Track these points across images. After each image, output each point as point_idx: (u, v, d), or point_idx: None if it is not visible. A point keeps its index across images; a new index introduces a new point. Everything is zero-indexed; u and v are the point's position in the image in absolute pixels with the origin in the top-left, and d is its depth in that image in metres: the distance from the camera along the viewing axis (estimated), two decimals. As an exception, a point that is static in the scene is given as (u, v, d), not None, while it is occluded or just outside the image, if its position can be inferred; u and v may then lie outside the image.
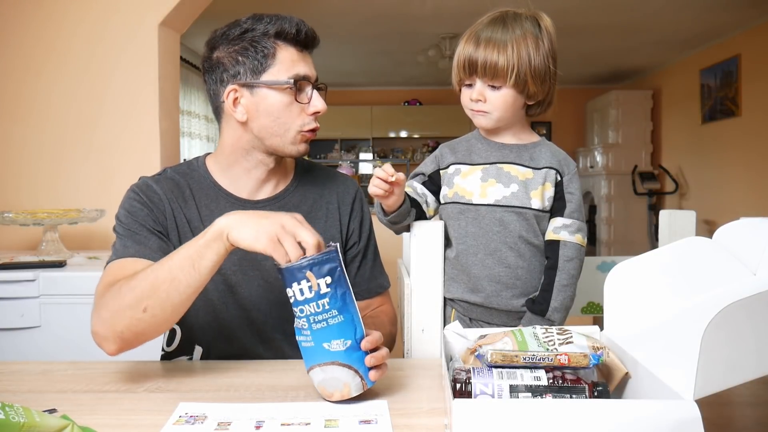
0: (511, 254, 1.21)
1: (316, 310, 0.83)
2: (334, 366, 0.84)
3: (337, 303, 0.83)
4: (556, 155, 1.25)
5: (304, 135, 1.09)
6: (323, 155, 7.88)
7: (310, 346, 0.85)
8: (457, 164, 1.26)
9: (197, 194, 1.12)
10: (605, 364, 0.79)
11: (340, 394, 0.85)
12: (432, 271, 1.18)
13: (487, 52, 1.16)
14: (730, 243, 0.85)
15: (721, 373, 0.63)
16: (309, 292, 0.83)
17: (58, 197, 2.38)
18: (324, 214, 1.18)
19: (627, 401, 0.68)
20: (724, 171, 5.49)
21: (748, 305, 0.62)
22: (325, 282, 0.83)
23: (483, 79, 1.18)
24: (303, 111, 1.07)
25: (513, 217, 1.20)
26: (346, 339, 0.84)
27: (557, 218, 1.22)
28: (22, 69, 2.39)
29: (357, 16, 4.72)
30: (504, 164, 1.23)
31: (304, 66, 1.07)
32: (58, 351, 1.75)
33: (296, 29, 1.05)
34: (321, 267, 0.83)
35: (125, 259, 1.01)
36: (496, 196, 1.21)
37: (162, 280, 0.90)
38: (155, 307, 0.91)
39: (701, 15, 4.75)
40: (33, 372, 1.01)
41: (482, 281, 1.22)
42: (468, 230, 1.22)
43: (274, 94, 1.05)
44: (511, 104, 1.20)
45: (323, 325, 0.83)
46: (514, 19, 1.19)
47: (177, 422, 0.79)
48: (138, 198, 1.07)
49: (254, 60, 1.04)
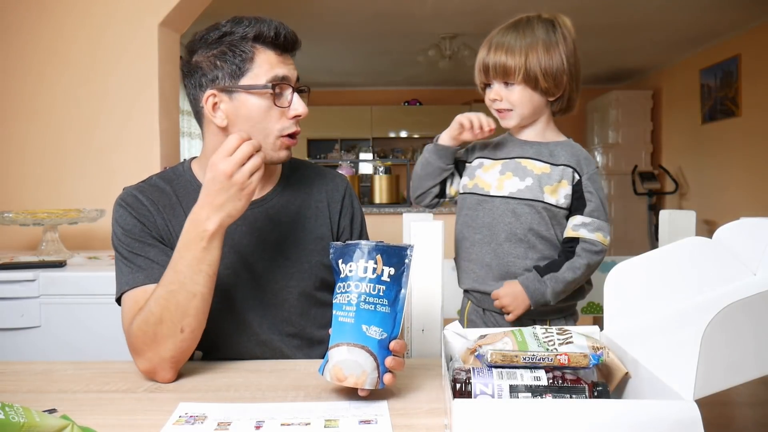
0: (521, 246, 1.26)
1: (371, 291, 0.85)
2: (363, 350, 0.84)
3: (391, 295, 0.86)
4: (576, 155, 1.29)
5: (284, 141, 1.07)
6: (323, 155, 7.88)
7: (348, 322, 0.85)
8: (482, 158, 1.34)
9: (184, 199, 1.11)
10: (605, 364, 0.79)
11: (355, 379, 0.84)
12: (432, 271, 1.18)
13: (497, 55, 1.24)
14: (730, 243, 0.85)
15: (721, 373, 0.63)
16: (371, 273, 0.85)
17: (58, 197, 2.38)
18: (313, 213, 1.18)
19: (627, 401, 0.68)
20: (724, 171, 5.49)
21: (748, 305, 0.62)
22: (389, 272, 0.86)
23: (497, 79, 1.26)
24: (283, 115, 1.06)
25: (525, 210, 1.25)
26: (384, 330, 0.85)
27: (577, 216, 1.26)
28: (23, 69, 2.39)
29: (357, 16, 4.72)
30: (522, 159, 1.29)
31: (284, 68, 1.05)
32: (58, 351, 1.75)
33: (275, 32, 1.03)
34: (390, 257, 0.86)
35: (137, 289, 1.02)
36: (510, 189, 1.27)
37: (185, 299, 0.95)
38: (191, 323, 0.96)
39: (701, 15, 4.75)
40: (33, 372, 1.01)
41: (493, 270, 1.28)
42: (483, 221, 1.29)
43: (253, 98, 1.04)
44: (527, 100, 1.26)
45: (371, 308, 0.84)
46: (526, 24, 1.26)
47: (177, 422, 0.79)
48: (128, 212, 1.07)
49: (232, 64, 1.03)
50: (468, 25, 5.06)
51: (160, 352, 0.95)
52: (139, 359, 0.97)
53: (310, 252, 1.15)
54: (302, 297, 1.13)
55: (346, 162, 4.77)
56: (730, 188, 5.40)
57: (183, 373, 1.00)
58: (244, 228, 1.11)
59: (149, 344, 0.95)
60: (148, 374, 0.97)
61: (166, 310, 0.94)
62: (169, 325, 0.94)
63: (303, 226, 1.16)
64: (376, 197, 3.49)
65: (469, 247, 1.31)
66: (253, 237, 1.12)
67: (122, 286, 1.04)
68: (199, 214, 0.96)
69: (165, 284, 0.96)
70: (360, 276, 0.85)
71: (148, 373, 0.97)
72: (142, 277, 1.03)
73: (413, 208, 3.18)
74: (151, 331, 0.95)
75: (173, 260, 0.96)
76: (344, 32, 5.23)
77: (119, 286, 1.05)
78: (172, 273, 0.96)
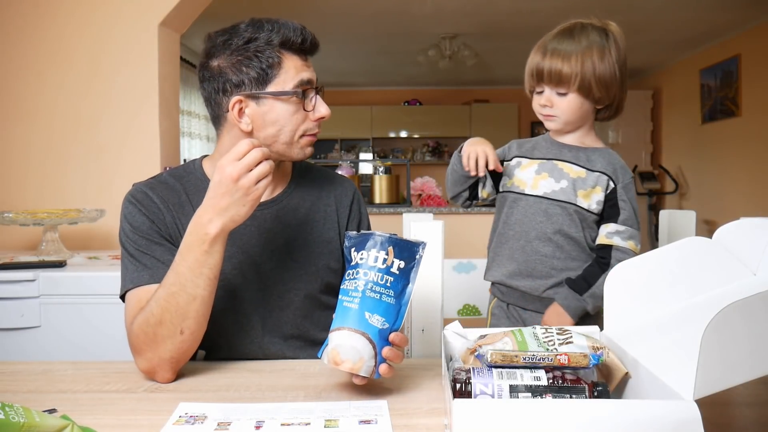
0: (550, 245, 1.29)
1: (379, 281, 0.86)
2: (363, 337, 0.84)
3: (397, 287, 0.87)
4: (612, 163, 1.31)
5: (309, 138, 1.10)
6: (323, 155, 7.88)
7: (352, 308, 0.86)
8: (520, 157, 1.36)
9: (193, 197, 1.11)
10: (605, 364, 0.79)
11: (351, 365, 0.84)
12: (432, 271, 1.18)
13: (553, 62, 1.25)
14: (730, 243, 0.85)
15: (721, 373, 0.63)
16: (381, 263, 0.87)
17: (58, 197, 2.38)
18: (322, 216, 1.18)
19: (627, 401, 0.68)
20: (724, 171, 5.49)
21: (748, 305, 0.62)
22: (399, 265, 0.87)
23: (549, 85, 1.27)
24: (307, 117, 1.08)
25: (557, 210, 1.28)
26: (386, 321, 0.86)
27: (610, 224, 1.28)
28: (22, 69, 2.39)
29: (357, 16, 4.72)
30: (560, 161, 1.31)
31: (308, 72, 1.07)
32: (58, 351, 1.75)
33: (301, 38, 1.05)
34: (402, 250, 0.88)
35: (141, 288, 1.02)
36: (545, 189, 1.30)
37: (185, 302, 0.94)
38: (191, 325, 0.96)
39: (701, 15, 4.75)
40: (33, 372, 1.01)
41: (520, 266, 1.31)
42: (516, 218, 1.33)
43: (281, 104, 1.05)
44: (577, 108, 1.28)
45: (376, 296, 0.86)
46: (581, 31, 1.27)
47: (177, 422, 0.79)
48: (138, 209, 1.07)
49: (259, 69, 1.03)
50: (468, 25, 5.06)
51: (160, 353, 0.95)
52: (139, 359, 0.97)
53: (317, 255, 1.15)
54: (307, 299, 1.13)
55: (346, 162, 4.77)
56: (730, 188, 5.40)
57: (183, 373, 1.00)
58: (253, 229, 1.12)
59: (149, 344, 0.95)
60: (148, 374, 0.97)
61: (166, 312, 0.94)
62: (168, 327, 0.94)
63: (311, 229, 1.16)
64: (376, 197, 3.49)
65: (502, 242, 1.35)
66: (262, 238, 1.12)
67: (127, 283, 1.04)
68: (202, 217, 0.95)
69: (166, 285, 0.96)
70: (370, 264, 0.87)
71: (147, 372, 0.97)
72: (147, 276, 1.03)
73: (413, 208, 3.18)
74: (151, 332, 0.95)
75: (175, 261, 0.96)
76: (344, 32, 5.23)
77: (124, 283, 1.05)
78: (174, 275, 0.96)
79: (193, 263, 0.95)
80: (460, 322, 0.91)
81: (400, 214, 2.80)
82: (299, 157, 1.10)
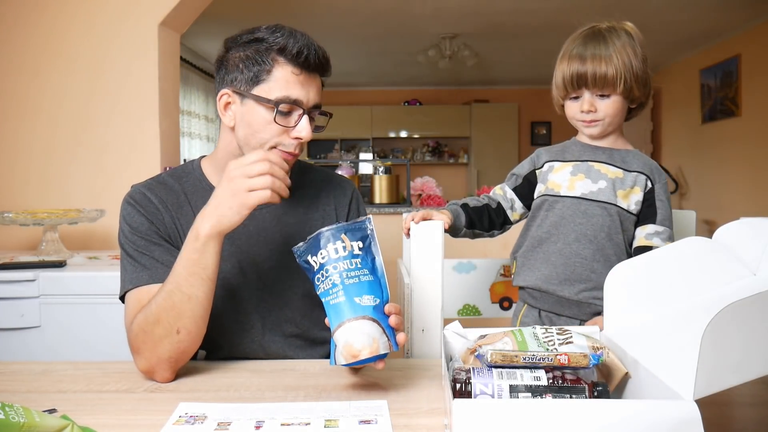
0: (591, 247, 1.26)
1: (350, 267, 0.88)
2: (365, 321, 0.85)
3: (368, 265, 0.90)
4: (648, 163, 1.30)
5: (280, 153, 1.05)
6: (323, 155, 7.88)
7: (341, 301, 0.86)
8: (551, 161, 1.34)
9: (192, 197, 1.12)
10: (605, 364, 0.79)
11: (369, 350, 0.84)
12: (432, 271, 1.18)
13: (595, 65, 1.23)
14: (730, 243, 0.85)
15: (721, 373, 0.63)
16: (343, 251, 0.89)
17: (58, 197, 2.38)
18: (320, 215, 1.19)
19: (627, 401, 0.68)
20: (724, 171, 5.49)
21: (748, 305, 0.62)
22: (358, 245, 0.90)
23: (592, 90, 1.24)
24: (286, 132, 1.05)
25: (597, 211, 1.25)
26: (376, 296, 0.87)
27: (649, 225, 1.26)
28: (22, 69, 2.39)
29: (357, 16, 4.72)
30: (595, 162, 1.29)
31: (299, 90, 1.03)
32: (58, 351, 1.75)
33: (297, 50, 1.02)
34: (354, 233, 0.91)
35: (141, 288, 1.03)
36: (582, 190, 1.27)
37: (180, 301, 0.94)
38: (187, 325, 0.96)
39: (701, 15, 4.75)
40: (33, 372, 1.01)
41: (558, 269, 1.27)
42: (552, 220, 1.29)
43: (260, 108, 1.04)
44: (620, 110, 1.27)
45: (356, 280, 0.87)
46: (610, 33, 1.26)
47: (177, 422, 0.79)
48: (136, 210, 1.08)
49: (251, 71, 1.04)
50: (468, 25, 5.06)
51: (158, 353, 0.95)
52: (138, 358, 0.97)
53: None
54: (306, 298, 1.13)
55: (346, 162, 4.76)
56: (730, 188, 5.40)
57: (183, 373, 1.00)
58: (252, 228, 1.12)
59: (147, 344, 0.95)
60: (147, 374, 0.97)
61: (162, 310, 0.95)
62: (165, 326, 0.95)
63: (310, 228, 1.16)
64: (376, 197, 3.49)
65: (534, 246, 1.31)
66: (260, 237, 1.12)
67: (126, 284, 1.05)
68: (199, 215, 0.96)
69: (165, 284, 0.96)
70: (334, 258, 0.89)
71: (146, 372, 0.97)
72: (146, 276, 1.03)
73: (413, 208, 3.18)
74: (149, 331, 0.95)
75: (176, 261, 0.97)
76: (344, 32, 5.23)
77: (123, 284, 1.06)
78: (172, 273, 0.96)
79: (187, 262, 0.95)
80: (460, 322, 0.91)
81: (399, 214, 2.80)
82: None
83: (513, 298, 1.72)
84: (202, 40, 5.24)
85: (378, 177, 3.50)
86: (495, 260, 1.71)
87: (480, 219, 1.35)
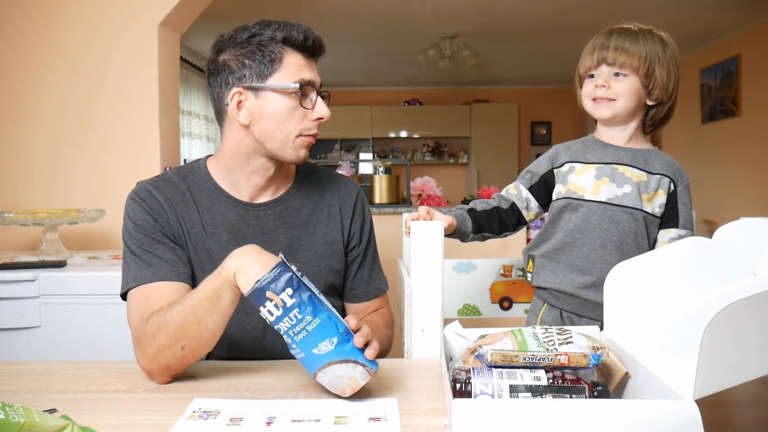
0: (617, 252, 1.24)
1: (291, 323, 0.84)
2: (332, 366, 0.85)
3: (307, 309, 0.84)
4: (670, 164, 1.28)
5: (304, 140, 1.09)
6: (323, 155, 7.88)
7: (303, 356, 0.87)
8: (572, 162, 1.31)
9: (198, 197, 1.11)
10: (605, 364, 0.79)
11: (350, 388, 0.86)
12: (432, 271, 1.18)
13: (620, 40, 1.23)
14: (730, 243, 0.85)
15: (721, 373, 0.63)
16: (277, 310, 0.84)
17: (59, 197, 2.38)
18: (325, 217, 1.18)
19: (627, 401, 0.68)
20: (724, 171, 5.49)
21: (748, 305, 0.62)
22: (287, 294, 0.83)
23: (612, 66, 1.23)
24: (306, 116, 1.08)
25: (624, 217, 1.24)
26: (331, 338, 0.85)
27: (672, 229, 1.25)
28: (22, 69, 2.39)
29: (357, 16, 4.72)
30: (619, 165, 1.27)
31: (310, 72, 1.07)
32: (58, 351, 1.75)
33: (304, 36, 1.06)
34: (276, 283, 0.84)
35: (145, 286, 1.02)
36: (608, 195, 1.25)
37: (190, 322, 0.93)
38: (191, 344, 0.95)
39: (701, 15, 4.75)
40: (33, 372, 1.01)
41: (584, 275, 1.26)
42: (576, 224, 1.27)
43: (279, 98, 1.05)
44: (634, 93, 1.24)
45: (304, 334, 0.85)
46: (640, 32, 1.26)
47: (190, 417, 0.81)
48: (141, 207, 1.07)
49: (260, 64, 1.04)
50: (468, 25, 5.06)
51: (159, 359, 0.95)
52: (141, 356, 0.97)
53: (320, 256, 1.15)
54: None
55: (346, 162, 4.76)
56: (730, 188, 5.40)
57: (183, 373, 1.00)
58: (256, 228, 1.12)
59: (153, 346, 0.95)
60: (146, 371, 0.97)
61: (172, 324, 0.94)
62: (171, 338, 0.94)
63: (314, 229, 1.16)
64: (376, 197, 3.49)
65: (557, 248, 1.29)
66: (265, 238, 1.12)
67: (129, 281, 1.04)
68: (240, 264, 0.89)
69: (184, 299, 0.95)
70: (273, 319, 0.85)
71: (146, 370, 0.97)
72: (149, 274, 1.03)
73: (413, 208, 3.18)
74: (159, 335, 0.95)
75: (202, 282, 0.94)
76: (344, 32, 5.23)
77: (125, 281, 1.05)
78: (194, 291, 0.95)
79: (207, 290, 0.92)
80: (460, 322, 0.91)
81: (399, 214, 2.80)
82: (292, 158, 1.09)
83: (513, 298, 1.72)
84: (202, 40, 5.24)
85: (378, 177, 3.49)
86: (495, 260, 1.71)
87: (489, 223, 1.33)
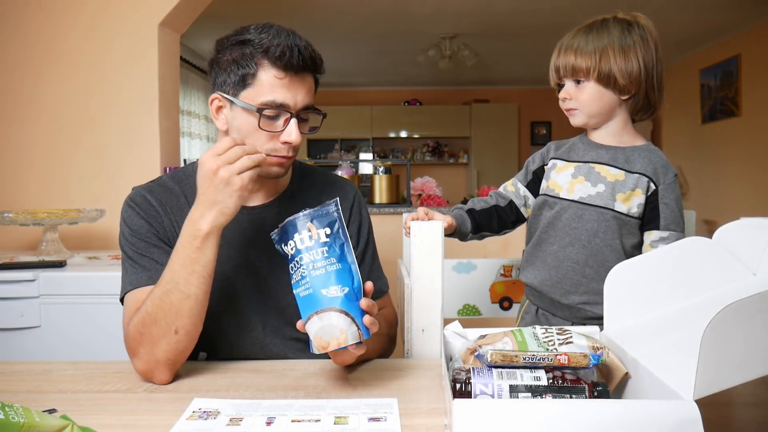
0: (584, 252, 1.24)
1: (316, 257, 0.87)
2: (331, 312, 0.85)
3: (336, 252, 0.88)
4: (653, 162, 1.26)
5: (274, 159, 1.04)
6: (323, 155, 7.88)
7: (309, 294, 0.87)
8: (556, 159, 1.33)
9: (192, 200, 1.10)
10: (605, 364, 0.79)
11: (336, 341, 0.85)
12: (432, 271, 1.18)
13: (567, 56, 1.24)
14: (730, 243, 0.85)
15: (721, 373, 0.63)
16: (309, 241, 0.88)
17: (58, 197, 2.38)
18: None
19: (627, 401, 0.68)
20: (724, 171, 5.49)
21: (748, 305, 0.62)
22: (325, 233, 0.89)
23: (567, 77, 1.25)
24: (275, 138, 1.03)
25: (592, 216, 1.24)
26: (343, 286, 0.86)
27: (653, 231, 1.23)
28: (22, 69, 2.39)
29: (357, 16, 4.72)
30: (596, 164, 1.27)
31: (284, 93, 1.00)
32: (58, 351, 1.75)
33: (280, 52, 0.98)
34: (321, 219, 0.90)
35: (141, 289, 1.03)
36: (581, 193, 1.25)
37: (179, 300, 0.94)
38: (186, 324, 0.95)
39: (701, 15, 4.75)
40: (33, 372, 1.01)
41: (551, 272, 1.28)
42: (549, 221, 1.29)
43: (246, 115, 1.02)
44: (597, 98, 1.24)
45: (322, 271, 0.87)
46: (601, 26, 1.25)
47: (190, 417, 0.81)
48: (136, 212, 1.08)
49: (237, 75, 1.02)
50: (468, 25, 5.05)
51: (155, 353, 0.95)
52: (136, 360, 0.97)
53: None
54: None
55: (346, 162, 4.76)
56: (730, 188, 5.40)
57: (182, 373, 1.00)
58: (251, 231, 1.12)
59: (145, 345, 0.95)
60: (145, 375, 0.97)
61: (160, 310, 0.94)
62: (163, 326, 0.94)
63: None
64: (376, 197, 3.49)
65: (536, 245, 1.31)
66: (260, 240, 1.12)
67: (126, 286, 1.05)
68: (193, 214, 0.96)
69: (161, 284, 0.96)
70: (301, 248, 0.88)
71: (144, 374, 0.97)
72: (145, 278, 1.03)
73: (413, 208, 3.18)
74: (147, 332, 0.95)
75: (170, 260, 0.97)
76: (344, 32, 5.23)
77: (123, 286, 1.06)
78: (168, 272, 0.96)
79: (185, 260, 0.95)
80: (460, 322, 0.91)
81: (399, 214, 2.80)
82: (264, 174, 1.06)
83: (513, 298, 1.72)
84: (202, 40, 5.24)
85: (378, 177, 3.49)
86: (495, 260, 1.71)
87: (488, 222, 1.34)
